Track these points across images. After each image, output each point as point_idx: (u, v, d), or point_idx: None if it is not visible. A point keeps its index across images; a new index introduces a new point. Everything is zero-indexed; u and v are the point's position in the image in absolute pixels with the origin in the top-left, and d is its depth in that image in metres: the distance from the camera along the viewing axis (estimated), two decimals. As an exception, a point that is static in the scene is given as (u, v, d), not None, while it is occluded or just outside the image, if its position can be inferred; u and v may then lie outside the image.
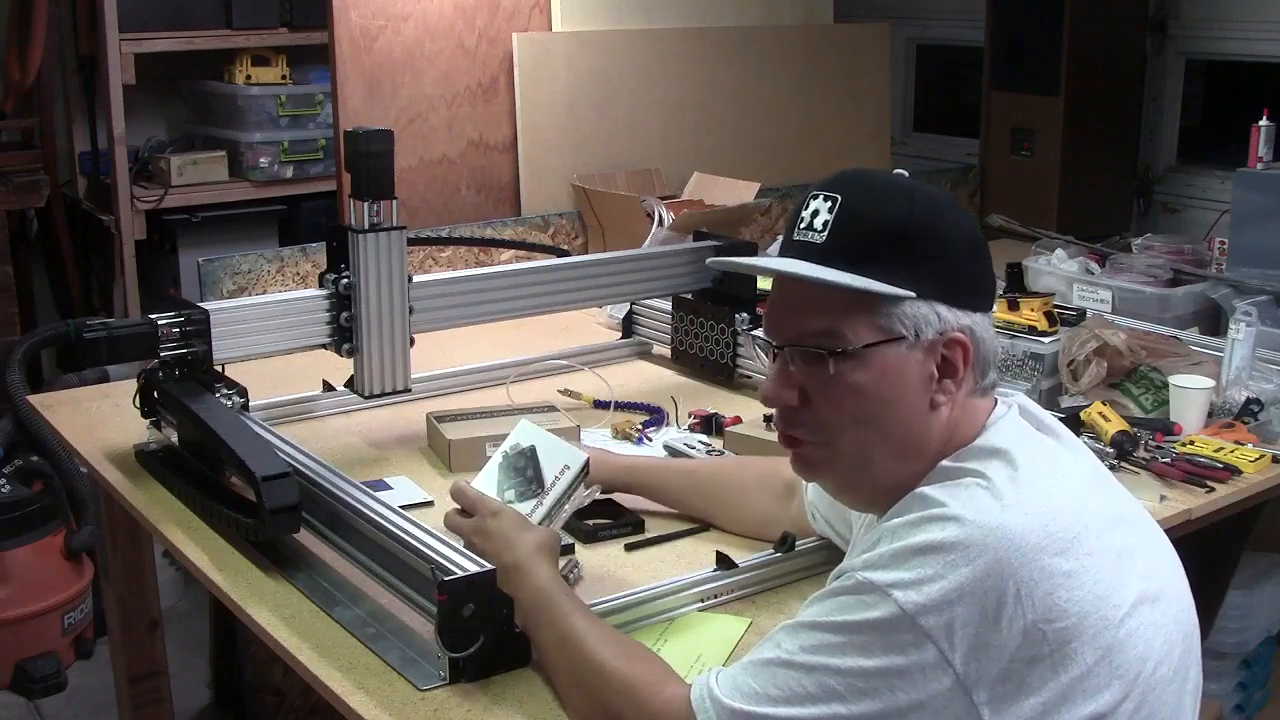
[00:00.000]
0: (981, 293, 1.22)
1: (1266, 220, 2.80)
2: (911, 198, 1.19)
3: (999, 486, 1.11)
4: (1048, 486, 1.13)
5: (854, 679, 1.06)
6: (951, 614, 1.04)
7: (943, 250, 1.18)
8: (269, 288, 2.71)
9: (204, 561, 1.61)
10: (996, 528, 1.07)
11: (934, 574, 1.05)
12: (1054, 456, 1.19)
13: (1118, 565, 1.11)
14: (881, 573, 1.08)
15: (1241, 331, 2.11)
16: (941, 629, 1.04)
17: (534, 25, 3.11)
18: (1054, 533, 1.08)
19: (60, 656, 3.02)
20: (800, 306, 1.20)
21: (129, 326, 1.81)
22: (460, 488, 1.50)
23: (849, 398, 1.18)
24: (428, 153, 3.01)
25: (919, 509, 1.12)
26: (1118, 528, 1.15)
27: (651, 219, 2.82)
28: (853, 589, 1.09)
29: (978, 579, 1.05)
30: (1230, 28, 3.64)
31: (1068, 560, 1.07)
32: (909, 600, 1.05)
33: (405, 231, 1.91)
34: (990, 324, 1.22)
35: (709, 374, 2.31)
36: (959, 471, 1.15)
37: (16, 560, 2.95)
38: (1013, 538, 1.06)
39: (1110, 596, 1.09)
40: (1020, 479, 1.12)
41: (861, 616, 1.07)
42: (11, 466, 3.03)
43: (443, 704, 1.29)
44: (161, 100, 4.10)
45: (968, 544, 1.06)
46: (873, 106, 3.79)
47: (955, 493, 1.12)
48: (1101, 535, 1.12)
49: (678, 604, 1.47)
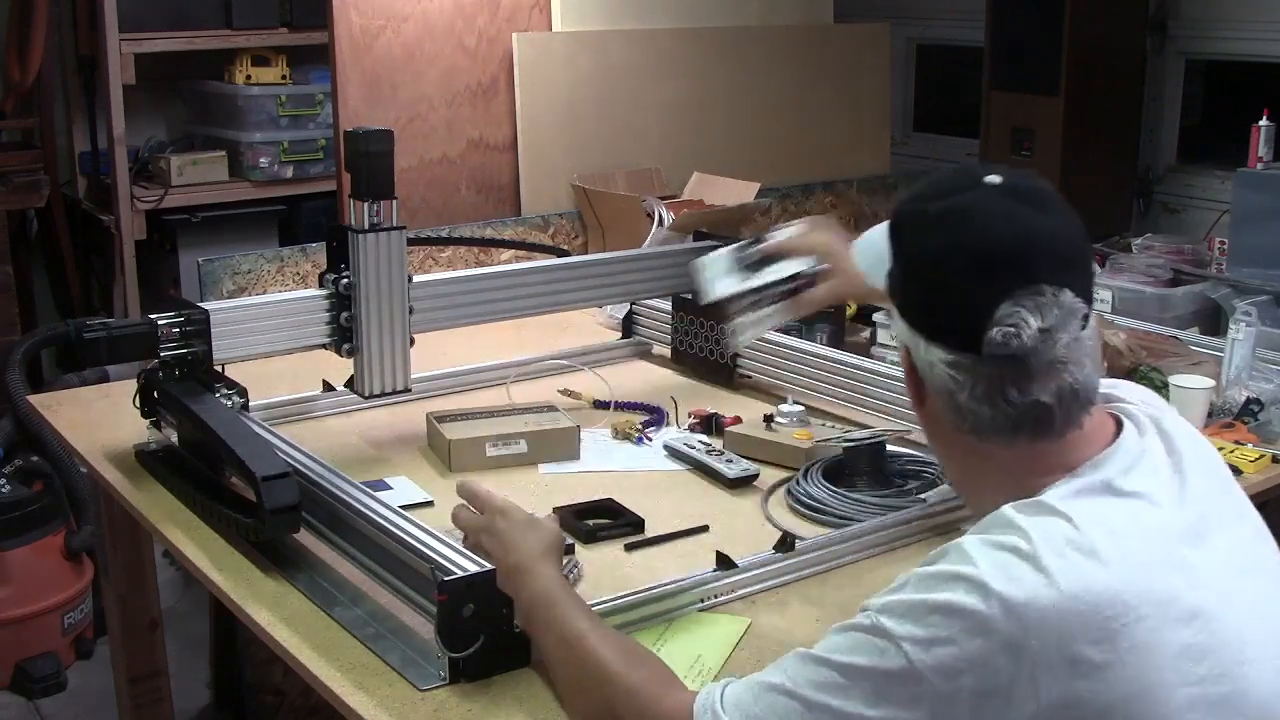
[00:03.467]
0: (935, 320, 1.11)
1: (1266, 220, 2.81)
2: (919, 191, 1.16)
3: (1039, 557, 1.02)
4: (1100, 563, 1.02)
5: None
6: (958, 682, 1.00)
7: (906, 258, 1.15)
8: (269, 288, 2.71)
9: (204, 561, 1.61)
10: (1023, 605, 0.99)
11: (947, 637, 1.01)
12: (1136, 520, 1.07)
13: (1171, 664, 1.01)
14: (897, 623, 1.03)
15: (1241, 331, 2.11)
16: (947, 694, 1.00)
17: (534, 25, 3.11)
18: (1090, 621, 0.99)
19: (60, 656, 3.02)
20: None
21: (129, 326, 1.81)
22: (468, 484, 1.49)
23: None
24: (428, 153, 3.01)
25: (952, 561, 1.05)
26: (1191, 623, 1.03)
27: (651, 219, 2.82)
28: (868, 630, 1.05)
29: (991, 654, 0.99)
30: (1230, 28, 3.64)
31: (1101, 651, 0.99)
32: (919, 658, 1.01)
33: (405, 231, 1.91)
34: (967, 372, 1.09)
35: (709, 374, 2.31)
36: (1009, 526, 1.06)
37: (16, 560, 2.95)
38: (1038, 619, 0.99)
39: (1146, 696, 1.00)
40: (1068, 550, 1.02)
41: (870, 663, 1.04)
42: (11, 466, 3.03)
43: (443, 704, 1.29)
44: (161, 100, 4.10)
45: (986, 616, 1.00)
46: (873, 106, 3.79)
47: (989, 555, 1.03)
48: (1156, 626, 1.01)
49: (677, 604, 1.47)
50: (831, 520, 1.71)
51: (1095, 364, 1.12)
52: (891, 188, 3.74)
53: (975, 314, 1.07)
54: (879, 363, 2.13)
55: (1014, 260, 1.07)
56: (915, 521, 1.68)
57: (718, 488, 1.86)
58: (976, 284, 1.08)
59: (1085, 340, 1.09)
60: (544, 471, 1.92)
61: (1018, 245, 1.08)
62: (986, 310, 1.07)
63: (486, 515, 1.43)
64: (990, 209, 1.10)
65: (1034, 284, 1.06)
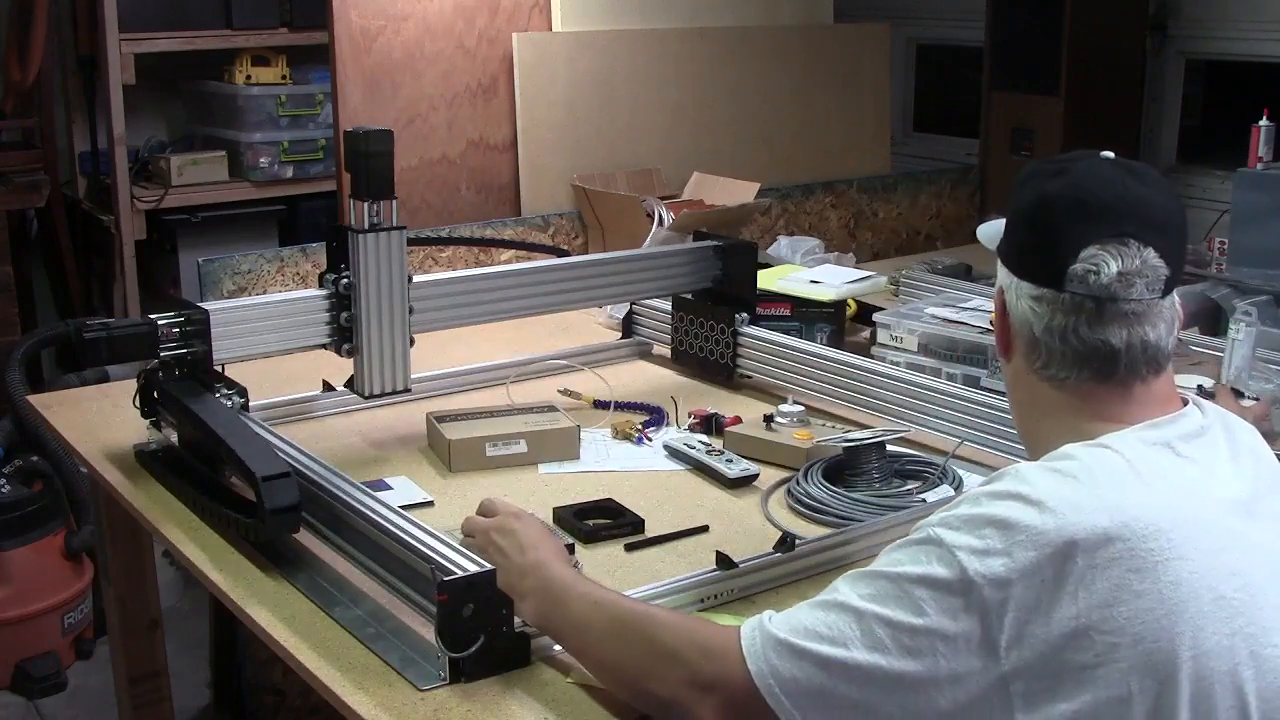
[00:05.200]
0: (1027, 258, 1.22)
1: (1266, 220, 2.80)
2: (1032, 165, 1.26)
3: (1100, 480, 1.08)
4: (1154, 499, 1.07)
5: (901, 634, 1.06)
6: (1008, 592, 1.03)
7: (1014, 208, 1.24)
8: (269, 288, 2.71)
9: (204, 561, 1.61)
10: (1074, 525, 1.04)
11: (1001, 549, 1.05)
12: (1195, 478, 1.12)
13: (1206, 610, 1.04)
14: (953, 533, 1.08)
15: (1241, 331, 2.11)
16: (995, 605, 1.03)
17: (534, 25, 3.11)
18: (1136, 549, 1.04)
19: (60, 656, 3.02)
20: None
21: (129, 326, 1.80)
22: (490, 499, 1.54)
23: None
24: (428, 153, 3.01)
25: (1010, 482, 1.10)
26: (1231, 579, 1.07)
27: (651, 219, 2.82)
28: (922, 541, 1.10)
29: (1040, 565, 1.03)
30: (1230, 28, 3.64)
31: (1143, 580, 1.03)
32: (973, 567, 1.05)
33: (405, 231, 1.91)
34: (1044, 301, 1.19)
35: (709, 374, 2.31)
36: (1069, 457, 1.12)
37: (16, 560, 2.95)
38: (1089, 534, 1.04)
39: (1178, 635, 1.03)
40: (1126, 483, 1.08)
41: (923, 570, 1.07)
42: (11, 466, 3.03)
43: (443, 704, 1.29)
44: (161, 100, 4.11)
45: (1040, 530, 1.04)
46: (873, 106, 3.79)
47: (1047, 477, 1.09)
48: (1200, 574, 1.05)
49: (678, 604, 1.47)
50: (831, 520, 1.71)
51: (1169, 331, 1.20)
52: (891, 188, 3.74)
53: (1063, 252, 1.17)
54: (879, 363, 2.13)
55: (1106, 211, 1.17)
56: (915, 521, 1.68)
57: (718, 488, 1.86)
58: (1069, 226, 1.18)
59: (1164, 306, 1.19)
60: (544, 471, 1.92)
61: (1113, 200, 1.18)
62: (1073, 250, 1.17)
63: (500, 517, 1.47)
64: (1096, 171, 1.21)
65: (1121, 236, 1.16)
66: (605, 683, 1.28)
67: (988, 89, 3.83)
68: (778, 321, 2.38)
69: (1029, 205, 1.22)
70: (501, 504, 1.52)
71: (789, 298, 2.46)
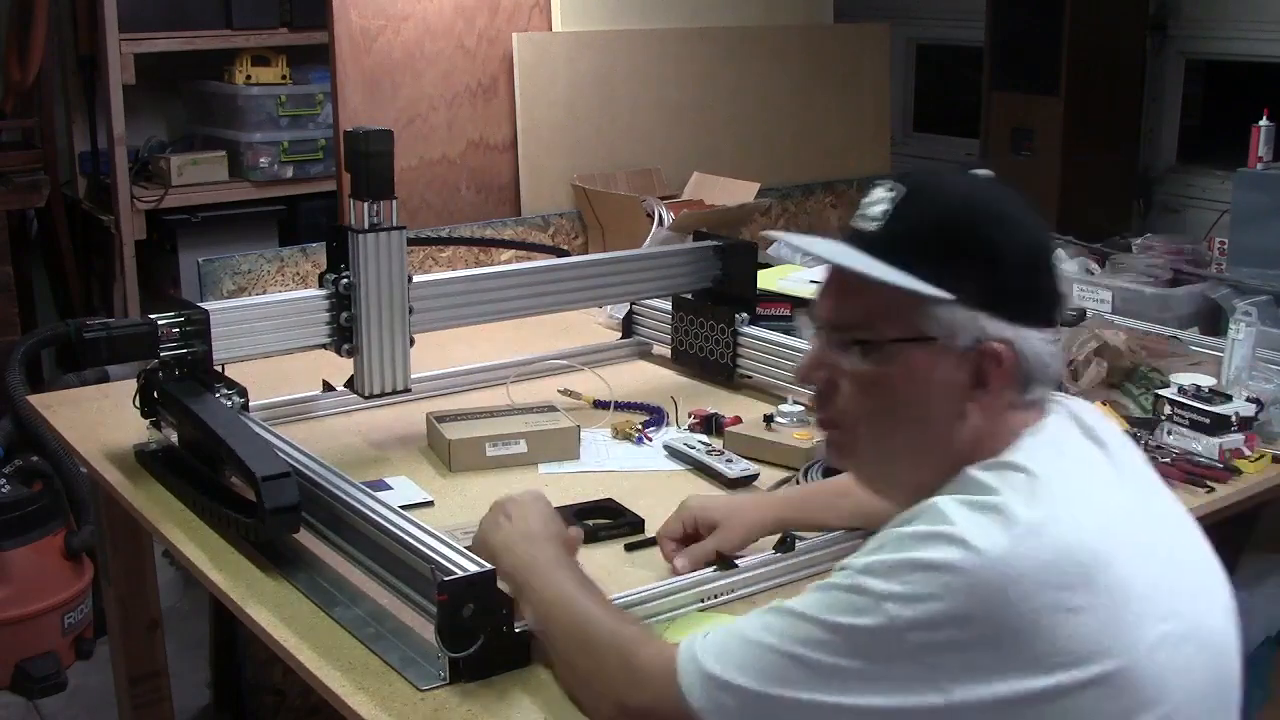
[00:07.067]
0: (1034, 305, 1.17)
1: (1266, 220, 2.80)
2: (973, 201, 1.18)
3: (1013, 511, 1.06)
4: (1069, 512, 1.07)
5: (833, 674, 1.06)
6: (941, 636, 1.02)
7: (994, 257, 1.15)
8: (269, 288, 2.71)
9: (204, 561, 1.61)
10: (1001, 558, 1.02)
11: (929, 593, 1.02)
12: (1089, 477, 1.13)
13: (1140, 602, 1.05)
14: (876, 581, 1.05)
15: (1241, 331, 2.11)
16: (929, 648, 1.02)
17: (534, 25, 3.11)
18: (1064, 568, 1.03)
19: (60, 656, 3.02)
20: (843, 291, 1.21)
21: (129, 326, 1.80)
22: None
23: (870, 390, 1.18)
24: (428, 153, 3.01)
25: (928, 522, 1.07)
26: (1149, 561, 1.09)
27: (651, 219, 2.82)
28: (847, 589, 1.08)
29: (974, 609, 1.01)
30: (1230, 28, 3.64)
31: (1077, 596, 1.02)
32: (899, 615, 1.03)
33: (405, 231, 1.91)
34: (1047, 340, 1.17)
35: (709, 374, 2.31)
36: (979, 485, 1.10)
37: (16, 560, 2.95)
38: (1018, 572, 1.02)
39: (1125, 635, 1.04)
40: (1039, 503, 1.07)
41: (850, 621, 1.05)
42: (11, 466, 3.03)
43: (443, 704, 1.29)
44: (161, 100, 4.11)
45: (969, 572, 1.02)
46: (873, 106, 3.79)
47: (966, 514, 1.07)
48: (1124, 569, 1.06)
49: (678, 604, 1.47)
50: (831, 520, 1.70)
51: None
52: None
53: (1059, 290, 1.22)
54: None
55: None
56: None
57: (718, 488, 1.86)
58: (1048, 261, 1.22)
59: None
60: (544, 471, 1.92)
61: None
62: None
63: (518, 493, 1.49)
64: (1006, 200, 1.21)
65: None
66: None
67: (988, 89, 3.83)
68: (778, 321, 2.38)
69: (1022, 252, 1.16)
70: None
71: (789, 298, 2.46)
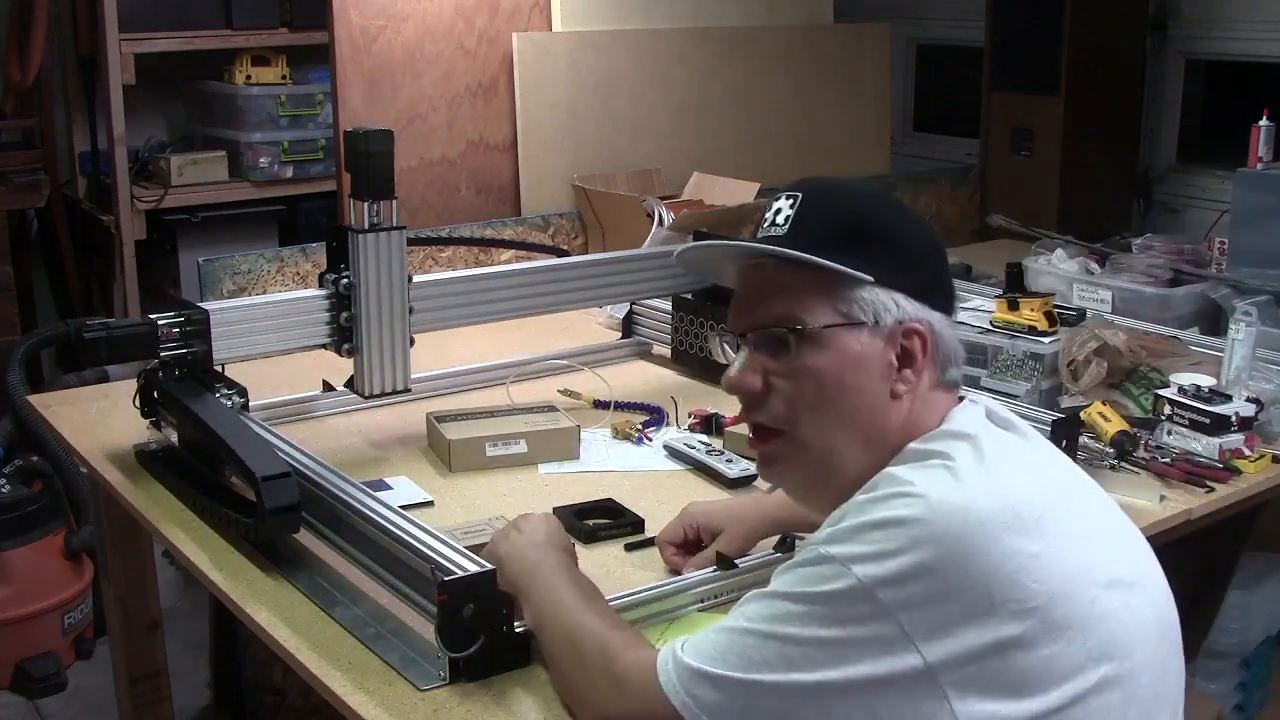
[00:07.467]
0: (940, 291, 1.26)
1: (1266, 220, 2.80)
2: (869, 196, 1.29)
3: (964, 468, 1.12)
4: (1013, 468, 1.14)
5: (810, 648, 1.07)
6: (911, 590, 1.04)
7: (901, 245, 1.24)
8: (269, 288, 2.71)
9: (204, 561, 1.61)
10: (962, 508, 1.06)
11: (895, 549, 1.05)
12: (1020, 446, 1.21)
13: (1087, 548, 1.12)
14: (841, 546, 1.08)
15: (1241, 331, 2.11)
16: (900, 604, 1.04)
17: (534, 25, 3.11)
18: (1020, 514, 1.08)
19: (60, 656, 3.02)
20: (762, 293, 1.26)
21: (129, 326, 1.81)
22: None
23: (809, 381, 1.22)
24: (428, 153, 3.01)
25: (885, 487, 1.12)
26: (1085, 515, 1.16)
27: (651, 219, 2.82)
28: (813, 561, 1.10)
29: (940, 559, 1.04)
30: (1230, 28, 3.64)
31: (1034, 542, 1.07)
32: (867, 573, 1.05)
33: (405, 231, 1.91)
34: (950, 326, 1.25)
35: (709, 374, 2.31)
36: (926, 454, 1.16)
37: (16, 560, 2.95)
38: (978, 519, 1.06)
39: (1080, 578, 1.09)
40: (985, 460, 1.13)
41: (820, 589, 1.07)
42: (11, 466, 3.03)
43: (443, 704, 1.29)
44: (161, 100, 4.10)
45: (931, 523, 1.06)
46: (873, 106, 3.79)
47: (921, 473, 1.12)
48: (1069, 518, 1.12)
49: (678, 604, 1.47)
50: (831, 520, 1.71)
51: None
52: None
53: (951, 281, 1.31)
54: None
55: None
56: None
57: (718, 488, 1.86)
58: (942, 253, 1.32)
59: None
60: (544, 471, 1.92)
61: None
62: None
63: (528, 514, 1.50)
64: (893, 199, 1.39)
65: None
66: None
67: (988, 89, 3.83)
68: (778, 321, 2.38)
69: (923, 242, 1.28)
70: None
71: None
